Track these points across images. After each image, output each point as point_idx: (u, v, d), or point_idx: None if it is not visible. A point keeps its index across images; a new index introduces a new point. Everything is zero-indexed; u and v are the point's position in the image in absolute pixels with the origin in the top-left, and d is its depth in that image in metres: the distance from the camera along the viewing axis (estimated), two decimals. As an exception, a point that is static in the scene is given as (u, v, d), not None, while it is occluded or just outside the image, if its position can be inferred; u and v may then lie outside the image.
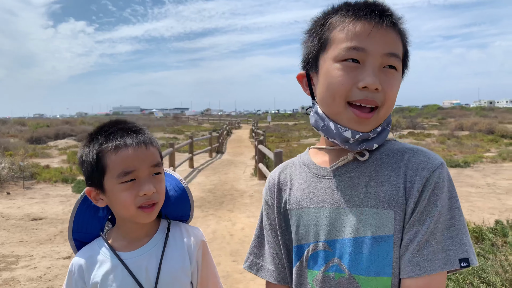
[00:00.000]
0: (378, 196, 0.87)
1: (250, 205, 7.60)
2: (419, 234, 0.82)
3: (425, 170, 0.84)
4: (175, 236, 1.17)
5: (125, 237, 1.14)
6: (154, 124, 43.10)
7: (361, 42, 0.85)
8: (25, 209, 7.32)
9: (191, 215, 1.26)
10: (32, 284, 4.08)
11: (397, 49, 0.88)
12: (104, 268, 1.10)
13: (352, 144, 0.89)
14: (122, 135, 1.06)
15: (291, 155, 13.62)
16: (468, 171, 10.71)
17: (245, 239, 5.47)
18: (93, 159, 1.05)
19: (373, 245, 0.85)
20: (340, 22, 0.89)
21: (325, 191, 0.94)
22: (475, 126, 23.51)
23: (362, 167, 0.91)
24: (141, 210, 1.05)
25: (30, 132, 23.32)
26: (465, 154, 13.97)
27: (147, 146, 1.07)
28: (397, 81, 0.89)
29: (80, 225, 1.16)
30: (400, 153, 0.90)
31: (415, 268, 0.81)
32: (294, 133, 28.91)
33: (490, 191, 8.13)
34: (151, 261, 1.11)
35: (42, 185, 9.68)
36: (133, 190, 1.04)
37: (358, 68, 0.85)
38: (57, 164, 12.97)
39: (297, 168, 1.03)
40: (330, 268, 0.90)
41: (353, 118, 0.86)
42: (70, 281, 1.13)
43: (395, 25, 0.89)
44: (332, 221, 0.91)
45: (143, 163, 1.05)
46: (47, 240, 5.53)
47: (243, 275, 4.21)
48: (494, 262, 3.78)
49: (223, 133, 22.91)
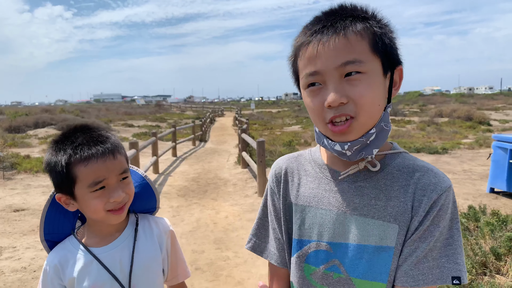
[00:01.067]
0: (386, 209, 0.91)
1: (234, 193, 7.69)
2: (419, 250, 0.88)
3: (434, 193, 0.88)
4: (144, 228, 1.24)
5: (97, 234, 1.18)
6: (136, 112, 42.60)
7: (314, 65, 0.87)
8: (6, 200, 7.25)
9: (158, 207, 1.33)
10: (17, 275, 4.11)
11: (350, 55, 0.85)
12: (79, 264, 1.14)
13: (350, 156, 0.91)
14: (89, 146, 1.08)
15: (274, 143, 13.72)
16: (446, 157, 11.02)
17: (229, 227, 5.57)
18: (63, 170, 1.07)
19: (374, 253, 0.91)
20: (299, 49, 0.92)
21: (334, 194, 0.97)
22: (454, 113, 24.02)
23: (373, 179, 0.94)
24: (111, 213, 1.10)
25: (9, 121, 22.79)
26: (444, 140, 14.32)
27: (115, 156, 1.10)
28: (366, 83, 0.86)
29: (51, 226, 1.19)
30: (411, 170, 0.93)
31: (409, 280, 0.88)
32: (278, 120, 29.02)
33: (465, 177, 8.41)
34: (124, 254, 1.16)
35: (23, 176, 9.56)
36: (104, 197, 1.08)
37: (321, 89, 0.88)
38: (38, 154, 12.78)
39: (307, 164, 1.06)
40: (329, 267, 0.96)
41: (333, 134, 0.90)
42: (46, 279, 1.16)
43: (350, 27, 0.86)
44: (337, 225, 0.95)
45: (112, 172, 1.09)
46: (31, 231, 5.53)
47: (227, 262, 4.32)
48: (465, 246, 3.97)
49: (206, 121, 22.85)
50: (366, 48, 0.87)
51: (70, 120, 22.24)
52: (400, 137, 15.16)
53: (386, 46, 0.89)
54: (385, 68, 0.90)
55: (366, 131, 0.89)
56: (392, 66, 0.92)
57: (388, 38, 0.90)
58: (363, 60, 0.86)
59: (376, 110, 0.89)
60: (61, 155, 1.09)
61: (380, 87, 0.89)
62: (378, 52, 0.88)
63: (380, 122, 0.91)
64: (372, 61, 0.87)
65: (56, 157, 1.09)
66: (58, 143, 1.12)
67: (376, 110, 0.89)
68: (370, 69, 0.87)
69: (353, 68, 0.85)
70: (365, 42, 0.87)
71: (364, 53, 0.86)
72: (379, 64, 0.89)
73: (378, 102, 0.89)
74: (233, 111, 48.75)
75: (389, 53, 0.90)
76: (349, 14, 0.89)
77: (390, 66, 0.91)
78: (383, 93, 0.91)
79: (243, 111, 42.95)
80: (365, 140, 0.89)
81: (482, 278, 3.50)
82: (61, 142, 1.11)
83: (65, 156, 1.07)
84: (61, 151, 1.09)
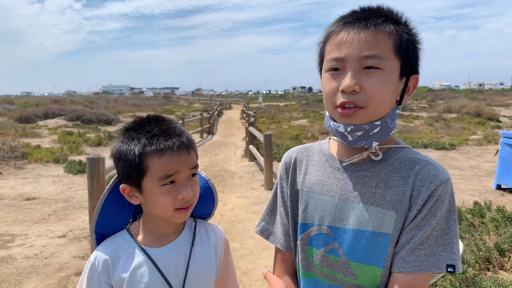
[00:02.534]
0: (385, 197, 0.96)
1: (240, 186, 7.77)
2: (416, 237, 0.92)
3: (432, 183, 0.93)
4: (201, 234, 1.19)
5: (152, 233, 1.13)
6: (145, 104, 42.81)
7: (339, 51, 0.94)
8: (18, 189, 7.40)
9: (213, 214, 1.28)
10: (29, 261, 4.22)
11: (374, 50, 0.91)
12: (131, 263, 1.08)
13: (351, 141, 0.97)
14: (165, 138, 1.04)
15: (281, 137, 13.76)
16: (453, 153, 10.98)
17: (235, 219, 5.65)
18: (135, 160, 1.03)
19: (371, 239, 0.95)
20: (330, 36, 0.99)
21: (337, 182, 1.03)
22: (463, 108, 23.83)
23: (375, 169, 1.00)
24: (177, 211, 1.06)
25: (19, 111, 23.07)
26: (452, 136, 14.25)
27: (189, 151, 1.07)
28: (381, 79, 0.92)
29: (104, 218, 1.14)
30: (412, 163, 0.98)
31: (406, 265, 0.92)
32: (285, 114, 29.01)
33: (472, 173, 8.40)
34: (179, 258, 1.11)
35: (33, 165, 9.72)
36: (172, 194, 1.04)
37: (340, 75, 0.94)
38: (48, 144, 12.96)
39: (315, 154, 1.12)
40: (329, 250, 1.01)
41: (340, 116, 0.95)
42: (92, 274, 1.09)
43: (381, 25, 0.93)
44: (338, 210, 1.00)
45: (184, 167, 1.05)
46: (42, 220, 5.66)
47: (233, 253, 4.40)
48: (470, 241, 4.01)
49: (214, 114, 22.92)
50: (390, 48, 0.93)
51: (80, 111, 22.43)
52: (407, 133, 15.11)
53: (408, 51, 0.95)
54: (402, 72, 0.96)
55: (371, 121, 0.95)
56: (409, 71, 0.98)
57: (413, 45, 0.97)
58: (384, 57, 0.92)
59: (384, 105, 0.95)
60: (134, 144, 1.04)
61: (393, 86, 0.95)
62: (399, 54, 0.94)
63: (386, 118, 0.96)
64: (392, 61, 0.93)
65: (129, 145, 1.05)
66: (131, 131, 1.08)
67: (384, 106, 0.95)
68: (388, 67, 0.93)
69: (373, 63, 0.92)
70: (391, 42, 0.93)
71: (387, 51, 0.93)
72: (397, 65, 0.95)
73: (387, 99, 0.94)
74: (241, 104, 48.78)
75: (410, 59, 0.96)
76: (383, 14, 0.96)
77: (407, 71, 0.97)
78: (395, 93, 0.97)
79: (251, 104, 42.94)
80: (368, 129, 0.95)
81: (485, 273, 3.54)
82: (135, 131, 1.07)
83: (139, 146, 1.03)
84: (134, 140, 1.04)
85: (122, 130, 1.10)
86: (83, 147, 12.28)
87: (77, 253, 4.45)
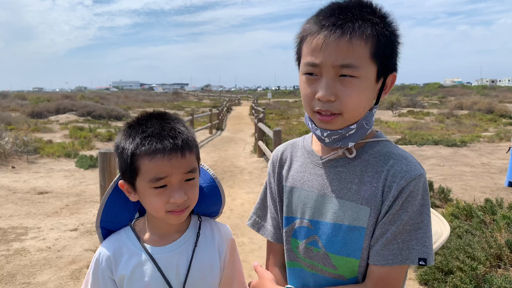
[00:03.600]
0: (359, 193, 0.99)
1: (250, 181, 7.79)
2: (388, 232, 0.95)
3: (403, 180, 0.95)
4: (206, 234, 1.17)
5: (156, 231, 1.12)
6: (154, 100, 43.03)
7: (316, 57, 0.93)
8: (30, 183, 7.51)
9: (221, 212, 1.26)
10: (42, 254, 4.30)
11: (349, 59, 0.90)
12: (133, 261, 1.08)
13: (328, 143, 1.01)
14: (158, 139, 1.01)
15: (291, 133, 13.75)
16: (464, 150, 10.87)
17: (244, 214, 5.68)
18: (127, 159, 1.03)
19: (348, 232, 1.00)
20: (306, 36, 0.97)
21: (316, 178, 1.07)
22: (475, 105, 23.55)
23: (351, 165, 1.03)
24: (170, 213, 1.04)
25: (31, 106, 23.36)
26: (463, 133, 14.11)
27: (184, 154, 1.03)
28: (357, 88, 0.92)
29: (109, 213, 1.14)
30: (386, 157, 1.00)
31: (380, 259, 0.96)
32: (294, 110, 28.94)
33: (484, 171, 8.31)
34: (181, 258, 1.10)
35: (45, 160, 9.86)
36: (164, 197, 1.02)
37: (317, 80, 0.95)
38: (59, 139, 13.12)
39: (299, 150, 1.17)
40: (310, 242, 1.06)
41: (318, 121, 0.98)
42: (97, 270, 1.10)
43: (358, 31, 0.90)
44: (317, 204, 1.05)
45: (176, 171, 1.02)
46: (54, 213, 5.74)
47: (242, 247, 4.43)
48: (480, 238, 3.98)
49: (223, 109, 22.95)
50: (366, 55, 0.92)
51: (90, 106, 22.64)
52: (418, 129, 14.99)
53: (386, 54, 0.95)
54: (379, 74, 0.97)
55: (347, 126, 0.97)
56: (386, 72, 0.98)
57: (391, 45, 0.96)
58: (359, 65, 0.92)
59: (360, 111, 0.97)
60: (129, 143, 1.04)
61: (369, 91, 0.97)
62: (377, 59, 0.94)
63: (362, 121, 0.99)
64: (368, 67, 0.93)
65: (125, 143, 1.05)
66: (130, 128, 1.07)
67: (360, 111, 0.97)
68: (364, 74, 0.93)
69: (348, 72, 0.92)
70: (367, 48, 0.92)
71: (362, 59, 0.92)
72: (374, 70, 0.95)
73: (363, 104, 0.97)
74: (250, 100, 48.76)
75: (387, 61, 0.96)
76: (360, 15, 0.92)
77: (384, 72, 0.98)
78: (371, 96, 0.99)
79: (260, 100, 42.92)
80: (344, 133, 0.98)
81: (496, 270, 3.52)
82: (133, 128, 1.06)
83: (133, 145, 1.03)
84: (130, 138, 1.04)
85: (125, 125, 1.10)
86: (94, 142, 12.41)
87: (88, 246, 4.51)
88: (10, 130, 12.40)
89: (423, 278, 3.51)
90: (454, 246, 3.75)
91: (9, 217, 5.53)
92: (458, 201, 5.33)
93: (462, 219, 4.74)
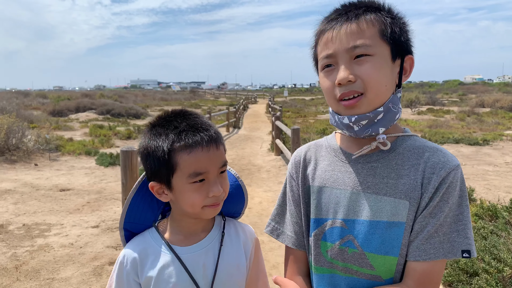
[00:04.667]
0: (397, 187, 0.97)
1: (267, 180, 7.78)
2: (429, 225, 0.93)
3: (443, 170, 0.94)
4: (230, 233, 1.15)
5: (181, 230, 1.10)
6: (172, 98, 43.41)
7: (328, 48, 0.97)
8: (53, 180, 7.67)
9: (243, 212, 1.24)
10: (65, 250, 4.38)
11: (360, 39, 0.94)
12: (160, 262, 1.06)
13: (357, 131, 0.98)
14: (194, 133, 1.00)
15: (308, 131, 13.68)
16: (487, 149, 10.62)
17: (263, 212, 5.67)
18: (164, 156, 1.00)
19: (386, 229, 0.96)
20: (319, 37, 1.03)
21: (348, 175, 1.04)
22: (497, 103, 23.00)
23: (385, 159, 1.01)
24: (207, 207, 1.03)
25: (52, 105, 23.86)
26: (485, 131, 13.78)
27: (218, 146, 1.03)
28: (373, 64, 0.94)
29: (133, 215, 1.12)
30: (421, 150, 0.99)
31: (422, 254, 0.93)
32: (311, 108, 28.79)
33: (508, 170, 8.11)
34: (208, 258, 1.08)
35: (66, 157, 10.04)
36: (203, 191, 1.01)
37: (334, 70, 0.97)
38: (80, 137, 13.36)
39: (323, 150, 1.14)
40: (344, 243, 1.01)
41: (344, 108, 0.97)
42: (121, 273, 1.08)
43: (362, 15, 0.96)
44: (351, 203, 1.01)
45: (214, 164, 1.01)
46: (76, 210, 5.85)
47: (262, 246, 4.41)
48: (506, 239, 3.88)
49: (239, 108, 22.99)
50: (375, 34, 0.95)
51: (109, 104, 22.98)
52: (438, 127, 14.72)
53: (395, 34, 0.97)
54: (394, 54, 0.97)
55: (374, 108, 0.96)
56: (401, 53, 0.99)
57: (399, 27, 0.98)
58: (371, 44, 0.94)
59: (383, 89, 0.96)
60: (162, 140, 1.00)
61: (387, 69, 0.96)
62: (386, 38, 0.96)
63: (388, 103, 0.97)
64: (380, 46, 0.95)
65: (157, 142, 1.01)
66: (157, 127, 1.04)
67: (383, 90, 0.96)
68: (377, 52, 0.95)
69: (362, 51, 0.94)
70: (375, 29, 0.95)
71: (372, 38, 0.95)
72: (387, 49, 0.96)
73: (384, 82, 0.96)
74: (266, 98, 48.72)
75: (398, 41, 0.97)
76: (363, 5, 0.99)
77: (399, 53, 0.98)
78: (391, 76, 0.98)
79: (276, 98, 42.84)
80: (372, 116, 0.96)
81: (523, 272, 3.42)
82: (162, 126, 1.03)
83: (168, 142, 0.99)
84: (162, 136, 1.01)
85: (149, 126, 1.07)
86: (113, 140, 12.58)
87: (110, 243, 4.57)
88: (32, 128, 12.69)
89: (447, 279, 3.44)
90: (479, 248, 3.67)
91: (33, 214, 5.65)
92: (482, 201, 5.21)
93: (486, 219, 4.63)
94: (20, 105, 22.34)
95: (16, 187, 7.10)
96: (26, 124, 11.34)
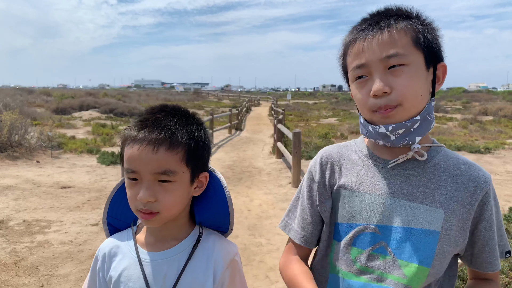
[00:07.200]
0: (434, 196, 0.98)
1: (268, 182, 7.79)
2: (490, 240, 1.00)
3: (485, 184, 0.99)
4: (205, 247, 1.04)
5: (153, 233, 1.05)
6: (175, 99, 43.51)
7: (360, 59, 0.96)
8: (54, 178, 7.70)
9: (230, 229, 1.11)
10: (64, 247, 4.40)
11: (394, 48, 0.92)
12: (124, 263, 1.03)
13: (394, 140, 0.96)
14: (150, 129, 0.95)
15: (310, 135, 13.69)
16: (488, 157, 10.61)
17: (262, 214, 5.69)
18: (120, 144, 1.00)
19: (421, 236, 0.96)
20: (348, 47, 1.01)
21: (383, 181, 1.02)
22: (500, 111, 22.94)
23: (421, 168, 1.00)
24: (139, 212, 0.96)
25: (56, 102, 23.96)
26: (487, 140, 13.76)
27: (158, 149, 0.93)
28: (409, 74, 0.92)
29: (115, 210, 1.11)
30: (455, 162, 1.02)
31: (491, 266, 1.02)
32: (314, 112, 28.79)
33: (508, 178, 8.09)
34: (171, 270, 1.00)
35: (68, 155, 10.09)
36: (134, 191, 0.95)
37: (368, 81, 0.96)
38: (82, 135, 13.41)
39: (352, 154, 1.11)
40: (376, 249, 0.99)
41: (379, 117, 0.96)
42: (95, 266, 1.08)
43: (393, 24, 0.94)
44: (386, 209, 1.00)
45: (145, 168, 0.93)
46: (76, 208, 5.87)
47: (259, 248, 4.44)
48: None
49: (242, 110, 23.03)
50: (409, 43, 0.93)
51: (113, 104, 23.04)
52: (440, 134, 14.70)
53: (428, 41, 0.95)
54: (428, 62, 0.96)
55: (410, 117, 0.95)
56: (434, 61, 0.97)
57: (431, 34, 0.96)
58: (405, 53, 0.92)
59: (418, 99, 0.94)
60: (127, 129, 0.99)
61: (422, 78, 0.95)
62: (420, 46, 0.94)
63: (424, 112, 0.96)
64: (414, 55, 0.94)
65: (125, 129, 1.01)
66: (139, 116, 1.02)
67: (419, 100, 0.94)
68: (412, 61, 0.93)
69: (396, 61, 0.92)
70: (408, 37, 0.94)
71: (406, 47, 0.93)
72: (421, 57, 0.94)
73: (420, 92, 0.94)
74: (269, 101, 48.77)
75: (431, 48, 0.96)
76: (393, 13, 0.97)
77: (432, 60, 0.97)
78: (426, 85, 0.96)
79: (279, 102, 42.84)
80: (409, 125, 0.94)
81: (519, 281, 3.43)
82: (140, 116, 1.01)
83: (126, 131, 0.99)
84: (130, 125, 1.01)
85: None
86: (115, 139, 12.63)
87: (109, 241, 4.60)
88: (35, 125, 12.76)
89: None
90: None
91: (34, 210, 5.69)
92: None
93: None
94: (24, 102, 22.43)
95: (17, 183, 7.14)
96: (29, 121, 11.40)
